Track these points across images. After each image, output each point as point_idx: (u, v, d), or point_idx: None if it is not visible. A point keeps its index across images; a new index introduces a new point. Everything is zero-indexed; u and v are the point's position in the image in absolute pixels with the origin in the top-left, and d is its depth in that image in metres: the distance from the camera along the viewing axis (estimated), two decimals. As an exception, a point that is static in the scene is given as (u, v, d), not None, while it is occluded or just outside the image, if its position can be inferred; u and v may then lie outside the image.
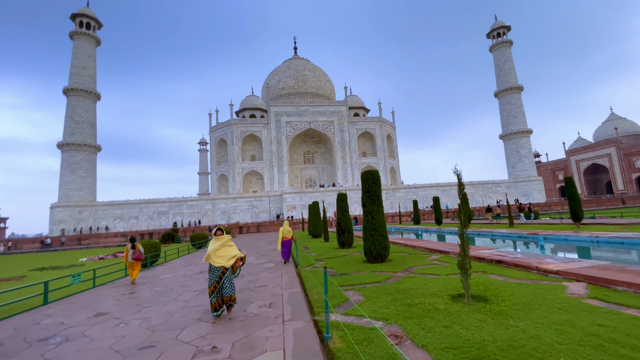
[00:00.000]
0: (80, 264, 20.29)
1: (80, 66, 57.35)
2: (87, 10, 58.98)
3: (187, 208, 55.88)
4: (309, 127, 67.29)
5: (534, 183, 66.03)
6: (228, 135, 65.38)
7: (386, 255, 9.76)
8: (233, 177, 63.31)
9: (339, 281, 7.37)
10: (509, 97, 70.85)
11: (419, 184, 60.76)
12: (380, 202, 9.92)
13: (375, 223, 9.67)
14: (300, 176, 70.82)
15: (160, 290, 7.97)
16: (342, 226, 14.57)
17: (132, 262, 9.70)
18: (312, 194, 54.60)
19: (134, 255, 9.61)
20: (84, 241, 47.46)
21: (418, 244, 13.26)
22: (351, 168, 67.18)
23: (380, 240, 9.60)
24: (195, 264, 13.46)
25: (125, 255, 9.73)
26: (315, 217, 23.92)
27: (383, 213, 9.90)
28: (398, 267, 8.67)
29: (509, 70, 71.78)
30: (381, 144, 70.21)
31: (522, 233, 16.60)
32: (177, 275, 10.36)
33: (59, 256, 27.17)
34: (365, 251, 9.84)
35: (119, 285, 9.46)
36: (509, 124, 69.91)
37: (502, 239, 17.50)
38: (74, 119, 55.83)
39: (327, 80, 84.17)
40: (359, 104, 78.12)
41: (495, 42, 73.17)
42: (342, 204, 14.82)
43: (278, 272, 9.27)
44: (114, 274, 11.77)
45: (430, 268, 8.41)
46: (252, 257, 13.81)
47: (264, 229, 49.31)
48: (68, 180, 54.07)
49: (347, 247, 14.58)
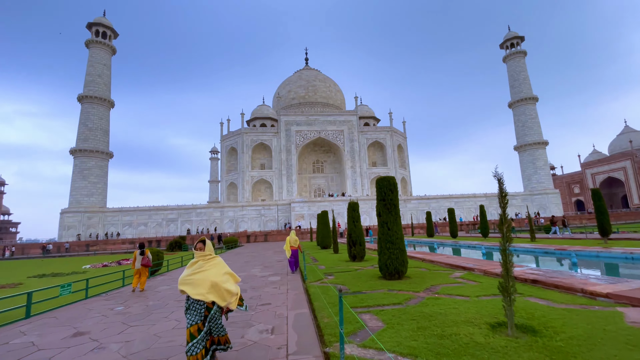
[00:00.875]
0: (82, 272, 19.75)
1: (96, 74, 58.61)
2: (103, 19, 60.62)
3: (196, 215, 55.60)
4: (318, 137, 66.91)
5: (551, 196, 63.67)
6: (238, 144, 65.50)
7: (404, 271, 8.76)
8: (242, 185, 63.04)
9: (352, 301, 6.43)
10: (523, 108, 69.24)
11: (431, 195, 59.22)
12: (397, 211, 8.99)
13: (392, 235, 8.72)
14: (309, 185, 70.11)
15: (153, 306, 7.16)
16: (353, 237, 13.60)
17: (139, 269, 9.53)
18: (320, 203, 53.67)
19: (142, 262, 9.44)
20: (92, 247, 47.39)
21: (437, 259, 12.18)
22: (361, 178, 66.20)
23: (398, 254, 8.63)
24: (196, 274, 12.65)
25: (133, 262, 9.61)
26: (324, 227, 22.96)
27: (400, 224, 8.95)
28: (419, 286, 7.67)
29: (523, 80, 70.40)
30: (392, 153, 69.19)
31: (548, 248, 15.30)
32: (175, 287, 9.55)
33: (63, 262, 26.80)
34: (381, 266, 8.87)
35: (112, 297, 8.71)
36: (524, 135, 68.09)
37: (528, 254, 16.18)
38: (87, 125, 56.74)
39: (337, 91, 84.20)
40: (369, 114, 77.59)
41: (508, 53, 72.10)
42: (353, 214, 13.89)
43: (284, 287, 8.36)
44: (109, 283, 11.07)
45: (456, 288, 7.39)
46: (257, 269, 12.93)
47: (271, 238, 48.44)
48: (79, 186, 54.55)
49: (359, 260, 13.57)
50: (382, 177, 9.13)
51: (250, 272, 11.95)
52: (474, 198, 60.76)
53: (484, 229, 25.61)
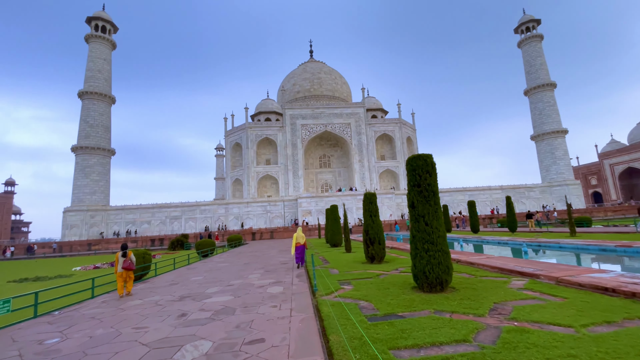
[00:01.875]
0: (68, 275, 17.97)
1: (96, 69, 57.10)
2: (102, 13, 58.99)
3: (200, 213, 54.00)
4: (325, 130, 64.56)
5: (572, 187, 60.29)
6: (243, 139, 63.63)
7: (448, 281, 6.51)
8: (248, 181, 61.22)
9: (388, 333, 4.23)
10: (540, 95, 65.63)
11: (444, 189, 56.50)
12: (438, 201, 6.72)
13: (432, 232, 6.46)
14: (315, 180, 67.94)
15: (99, 336, 5.05)
16: (370, 234, 11.35)
17: (122, 273, 8.71)
18: (328, 198, 51.49)
19: (124, 265, 8.65)
20: (94, 246, 46.11)
21: (475, 260, 9.87)
22: (369, 172, 63.74)
23: (440, 258, 6.36)
24: (184, 281, 10.59)
25: (115, 264, 8.85)
26: (333, 223, 20.74)
27: (442, 218, 6.69)
28: (477, 304, 5.41)
29: (540, 66, 66.71)
30: (401, 146, 66.45)
31: (604, 244, 12.83)
32: (147, 302, 7.45)
33: (54, 264, 25.20)
34: (416, 273, 6.62)
35: (63, 317, 6.67)
36: (541, 124, 64.58)
37: (578, 251, 13.68)
38: (88, 122, 55.37)
39: (343, 83, 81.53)
40: (377, 106, 74.83)
41: (524, 37, 68.36)
42: (370, 207, 11.64)
43: (287, 305, 6.18)
44: (80, 293, 9.09)
45: (535, 308, 5.11)
46: (257, 274, 10.81)
47: (277, 235, 46.49)
48: (81, 184, 53.33)
49: (378, 261, 11.34)
50: (415, 155, 6.85)
51: (247, 278, 9.85)
52: (489, 191, 57.84)
53: (511, 222, 23.10)
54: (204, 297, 7.46)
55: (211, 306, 6.47)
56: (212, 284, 9.35)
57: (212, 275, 11.35)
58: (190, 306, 6.60)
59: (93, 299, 8.68)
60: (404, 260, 11.57)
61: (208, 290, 8.23)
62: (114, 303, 7.64)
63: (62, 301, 8.57)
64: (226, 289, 8.33)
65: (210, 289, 8.52)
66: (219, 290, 8.21)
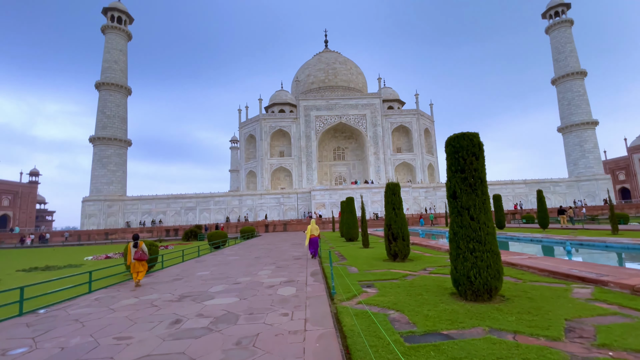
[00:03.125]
0: (78, 264, 17.68)
1: (112, 60, 57.44)
2: (118, 4, 59.03)
3: (214, 204, 54.00)
4: (339, 122, 63.06)
5: (601, 182, 56.77)
6: (257, 131, 63.05)
7: (498, 288, 5.32)
8: (261, 173, 60.77)
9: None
10: (569, 84, 61.78)
11: (463, 182, 54.14)
12: (486, 190, 5.49)
13: (480, 229, 5.25)
14: (329, 173, 66.80)
15: (71, 349, 4.12)
16: (393, 229, 10.18)
17: (134, 263, 8.63)
18: (342, 191, 50.33)
19: (135, 255, 8.57)
20: (111, 236, 46.85)
21: (519, 261, 8.54)
22: (384, 164, 62.02)
23: (489, 260, 5.16)
24: (188, 276, 9.78)
25: (127, 255, 8.92)
26: (349, 216, 19.61)
27: (490, 211, 5.47)
28: (544, 321, 4.21)
29: (569, 53, 62.65)
30: (418, 138, 64.25)
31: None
32: (142, 301, 6.59)
33: (67, 253, 25.26)
34: (457, 278, 5.45)
35: (47, 317, 5.91)
36: (569, 115, 60.88)
37: (629, 251, 12.06)
38: (105, 113, 55.96)
39: (359, 73, 79.37)
40: (394, 97, 72.51)
41: (552, 22, 64.24)
42: (393, 199, 10.44)
43: (300, 312, 5.12)
44: (80, 286, 8.41)
45: (628, 329, 3.88)
46: (267, 270, 9.87)
47: (291, 228, 45.85)
48: (99, 175, 54.19)
49: (401, 259, 10.18)
50: (458, 135, 5.61)
51: (256, 275, 8.92)
52: (511, 185, 55.17)
53: (542, 218, 21.34)
54: (206, 297, 6.56)
55: (212, 311, 5.53)
56: (217, 280, 8.48)
57: (220, 270, 10.51)
58: (188, 309, 5.69)
59: (89, 294, 7.95)
60: (431, 259, 10.37)
61: (212, 289, 7.33)
62: (107, 301, 6.84)
63: (55, 296, 7.90)
64: (232, 287, 7.42)
65: (214, 287, 7.63)
66: (223, 289, 7.30)
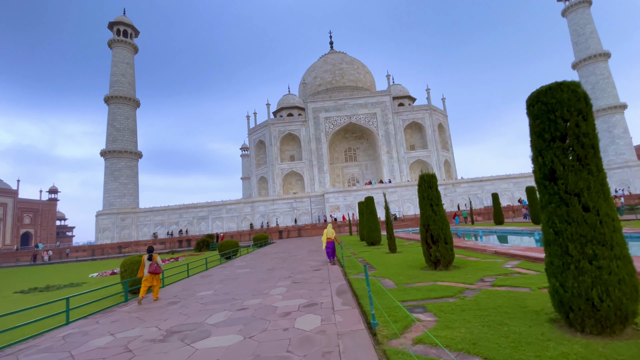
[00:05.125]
0: (81, 283, 16.48)
1: (119, 74, 57.63)
2: (124, 18, 59.39)
3: (227, 212, 52.94)
4: (349, 122, 61.32)
5: (635, 169, 52.92)
6: (266, 136, 62.03)
7: (636, 312, 3.45)
8: (272, 178, 59.53)
9: None
10: (592, 67, 58.29)
11: (485, 177, 51.44)
12: (601, 166, 3.67)
13: (601, 224, 3.43)
14: (342, 175, 64.98)
15: None
16: (432, 230, 8.32)
17: (148, 277, 8.24)
18: (357, 192, 48.40)
19: (150, 269, 8.20)
20: (124, 249, 46.32)
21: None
22: (398, 163, 59.75)
23: (621, 270, 3.33)
24: (187, 297, 8.17)
25: (141, 268, 8.49)
26: (370, 217, 17.76)
27: (611, 196, 3.63)
28: None
29: (589, 34, 59.23)
30: (432, 134, 61.78)
31: None
32: (117, 340, 4.96)
33: (74, 270, 24.28)
34: (566, 299, 3.56)
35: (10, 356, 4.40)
36: (594, 99, 57.24)
37: None
38: (114, 126, 55.99)
39: (366, 72, 77.63)
40: (404, 93, 70.43)
41: (569, 4, 61.00)
42: (429, 193, 8.60)
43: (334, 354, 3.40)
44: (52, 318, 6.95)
45: None
46: (281, 287, 8.14)
47: (305, 233, 44.17)
48: (111, 188, 54.04)
49: (444, 267, 8.30)
50: (551, 86, 3.80)
51: (268, 296, 7.20)
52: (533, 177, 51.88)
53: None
54: (200, 334, 4.88)
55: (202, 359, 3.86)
56: (220, 304, 6.81)
57: (226, 288, 8.87)
58: (172, 357, 4.04)
59: (66, 325, 6.44)
60: (480, 265, 8.46)
61: (210, 320, 5.64)
62: (76, 339, 5.28)
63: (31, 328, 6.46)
64: (236, 316, 5.71)
65: (215, 315, 5.95)
66: (225, 319, 5.60)
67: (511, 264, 8.29)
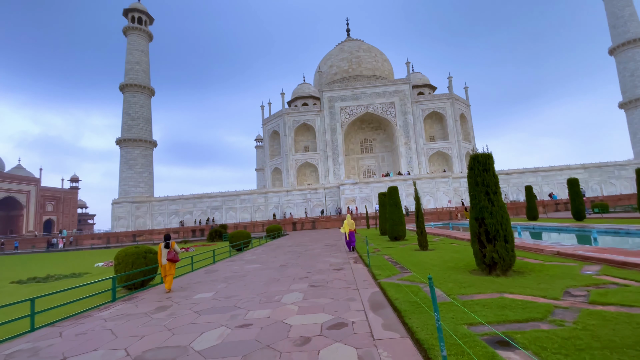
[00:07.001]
0: (84, 273, 15.61)
1: (134, 62, 57.19)
2: (138, 4, 58.68)
3: (240, 202, 52.17)
4: (365, 112, 58.99)
5: (680, 162, 48.49)
6: (280, 126, 60.58)
7: None
8: (286, 169, 58.23)
9: None
10: (631, 52, 53.51)
11: (511, 170, 48.39)
12: None
13: None
14: (357, 167, 62.96)
15: None
16: (489, 225, 6.55)
17: (166, 265, 8.15)
18: (374, 184, 46.47)
19: (168, 256, 8.09)
20: (139, 237, 46.31)
21: None
22: (417, 155, 57.14)
23: None
24: (181, 301, 6.75)
25: (158, 257, 8.41)
26: (393, 209, 15.99)
27: None
28: None
29: (629, 17, 54.29)
30: (453, 125, 58.69)
31: None
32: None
33: (81, 258, 23.68)
34: None
35: None
36: (633, 87, 52.71)
37: None
38: (129, 114, 55.82)
39: (384, 60, 74.52)
40: (424, 82, 67.17)
41: (609, -17, 55.93)
42: (485, 178, 6.79)
43: None
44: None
45: None
46: (296, 292, 6.55)
47: (319, 225, 42.78)
48: (126, 177, 54.13)
49: (502, 271, 6.55)
50: None
51: (279, 305, 5.67)
52: (567, 170, 48.44)
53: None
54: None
55: None
56: (217, 315, 5.28)
57: (229, 290, 7.40)
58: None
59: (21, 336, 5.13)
60: (547, 269, 6.63)
61: (198, 342, 4.04)
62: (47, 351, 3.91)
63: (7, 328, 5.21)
64: (234, 338, 4.16)
65: (205, 335, 4.37)
66: (217, 342, 3.96)
67: (591, 269, 6.44)
